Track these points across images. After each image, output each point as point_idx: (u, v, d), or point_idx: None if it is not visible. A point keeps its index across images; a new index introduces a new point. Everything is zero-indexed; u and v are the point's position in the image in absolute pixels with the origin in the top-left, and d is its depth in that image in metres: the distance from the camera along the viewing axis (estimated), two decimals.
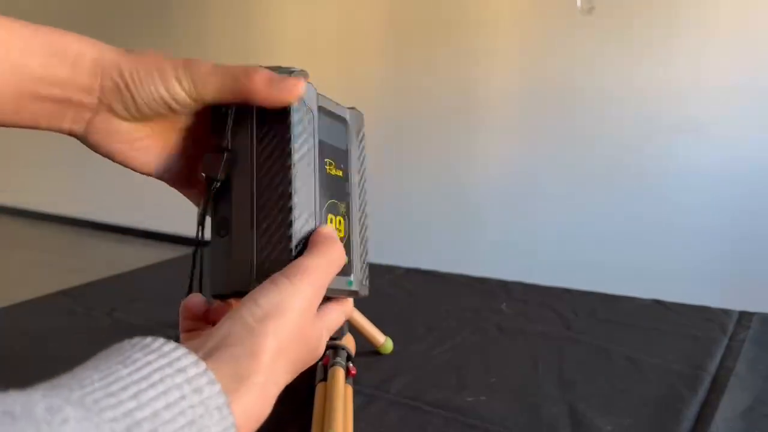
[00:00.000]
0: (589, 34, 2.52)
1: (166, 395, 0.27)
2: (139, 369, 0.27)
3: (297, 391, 0.70)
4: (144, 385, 0.27)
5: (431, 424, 0.65)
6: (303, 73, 0.70)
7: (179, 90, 0.38)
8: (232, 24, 3.46)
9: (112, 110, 0.38)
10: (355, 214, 0.41)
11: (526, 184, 2.73)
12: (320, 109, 0.39)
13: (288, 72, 0.64)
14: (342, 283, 0.39)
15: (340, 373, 0.67)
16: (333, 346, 0.71)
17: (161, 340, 0.29)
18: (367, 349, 0.81)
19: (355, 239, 0.40)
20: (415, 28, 2.92)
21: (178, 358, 0.28)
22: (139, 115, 0.39)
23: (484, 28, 2.76)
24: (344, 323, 0.75)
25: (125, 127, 0.39)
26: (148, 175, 0.43)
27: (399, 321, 0.91)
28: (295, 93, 0.37)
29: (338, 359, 0.70)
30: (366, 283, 0.42)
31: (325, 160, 0.38)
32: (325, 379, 0.67)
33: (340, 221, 0.39)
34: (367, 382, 0.74)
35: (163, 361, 0.28)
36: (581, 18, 2.48)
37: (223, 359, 0.31)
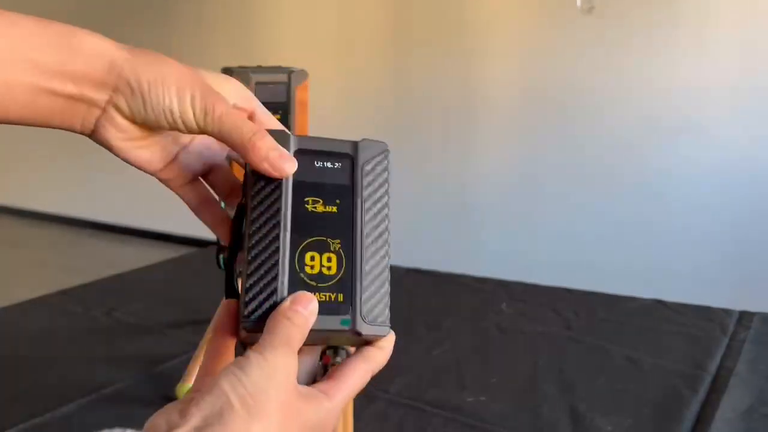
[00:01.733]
0: (589, 34, 2.52)
1: None
2: None
3: None
4: None
5: (431, 424, 0.65)
6: (303, 74, 0.70)
7: (191, 116, 0.38)
8: (232, 24, 3.46)
9: (119, 109, 0.39)
10: (360, 248, 0.39)
11: (526, 184, 2.73)
12: (302, 152, 0.40)
13: (287, 72, 0.63)
14: (332, 323, 0.38)
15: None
16: (333, 347, 0.71)
17: None
18: None
19: (359, 275, 0.39)
20: (416, 28, 2.92)
21: None
22: (143, 122, 0.39)
23: (484, 28, 2.76)
24: None
25: (129, 126, 0.39)
26: (152, 173, 0.43)
27: (399, 321, 0.91)
28: (282, 172, 0.38)
29: (338, 359, 0.70)
30: (382, 321, 0.40)
31: (306, 199, 0.39)
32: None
33: (329, 258, 0.39)
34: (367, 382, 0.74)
35: None
36: (581, 18, 2.48)
37: None
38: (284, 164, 0.38)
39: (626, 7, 2.44)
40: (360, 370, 0.39)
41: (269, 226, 0.38)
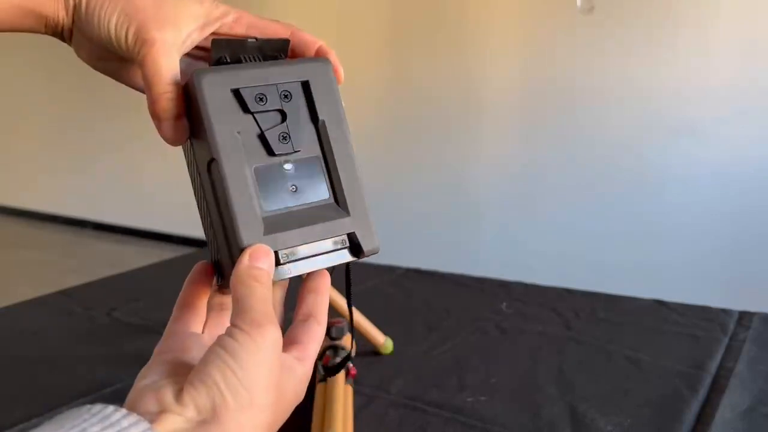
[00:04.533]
0: (589, 34, 2.52)
1: None
2: None
3: None
4: None
5: (431, 425, 0.65)
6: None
7: (124, 47, 0.36)
8: None
9: (74, 25, 0.37)
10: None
11: (525, 184, 2.73)
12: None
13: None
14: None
15: (340, 373, 0.67)
16: (333, 346, 0.71)
17: (122, 412, 0.28)
18: (367, 349, 0.81)
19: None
20: (416, 28, 2.92)
21: None
22: (93, 46, 0.38)
23: (484, 28, 2.76)
24: (344, 323, 0.75)
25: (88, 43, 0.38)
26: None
27: (399, 321, 0.91)
28: (169, 142, 0.37)
29: (337, 359, 0.70)
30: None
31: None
32: (325, 379, 0.67)
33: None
34: (367, 382, 0.74)
35: None
36: (581, 18, 2.48)
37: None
38: (165, 138, 0.36)
39: (626, 7, 2.44)
40: (319, 327, 0.37)
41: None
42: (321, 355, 0.70)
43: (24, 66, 4.06)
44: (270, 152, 0.36)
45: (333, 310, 0.69)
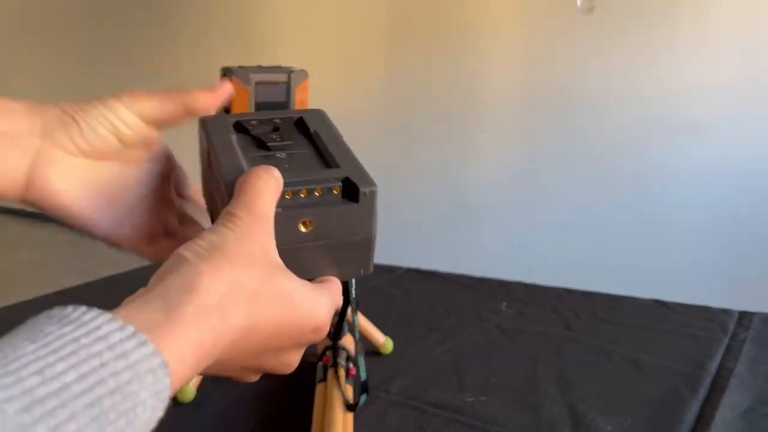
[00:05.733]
0: (589, 34, 2.52)
1: (78, 367, 0.23)
2: (49, 343, 0.24)
3: (297, 392, 0.70)
4: (52, 359, 0.23)
5: (431, 425, 0.65)
6: (303, 74, 0.70)
7: (125, 111, 0.39)
8: (232, 23, 3.46)
9: (57, 143, 0.38)
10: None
11: (526, 184, 2.73)
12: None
13: (287, 72, 0.64)
14: None
15: (341, 373, 0.67)
16: (333, 347, 0.71)
17: (82, 309, 0.27)
18: (367, 349, 0.81)
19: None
20: (415, 28, 2.91)
21: (99, 327, 0.26)
22: (88, 146, 0.39)
23: (484, 28, 2.76)
24: (344, 323, 0.75)
25: (76, 162, 0.39)
26: (102, 237, 0.44)
27: (399, 321, 0.91)
28: (223, 95, 0.42)
29: (338, 359, 0.70)
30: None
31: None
32: (325, 379, 0.67)
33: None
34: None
35: (79, 332, 0.25)
36: (581, 18, 2.48)
37: (154, 293, 0.29)
38: (222, 90, 0.42)
39: (626, 7, 2.44)
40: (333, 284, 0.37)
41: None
42: (321, 356, 0.70)
43: (23, 65, 4.06)
44: (263, 147, 0.38)
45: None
